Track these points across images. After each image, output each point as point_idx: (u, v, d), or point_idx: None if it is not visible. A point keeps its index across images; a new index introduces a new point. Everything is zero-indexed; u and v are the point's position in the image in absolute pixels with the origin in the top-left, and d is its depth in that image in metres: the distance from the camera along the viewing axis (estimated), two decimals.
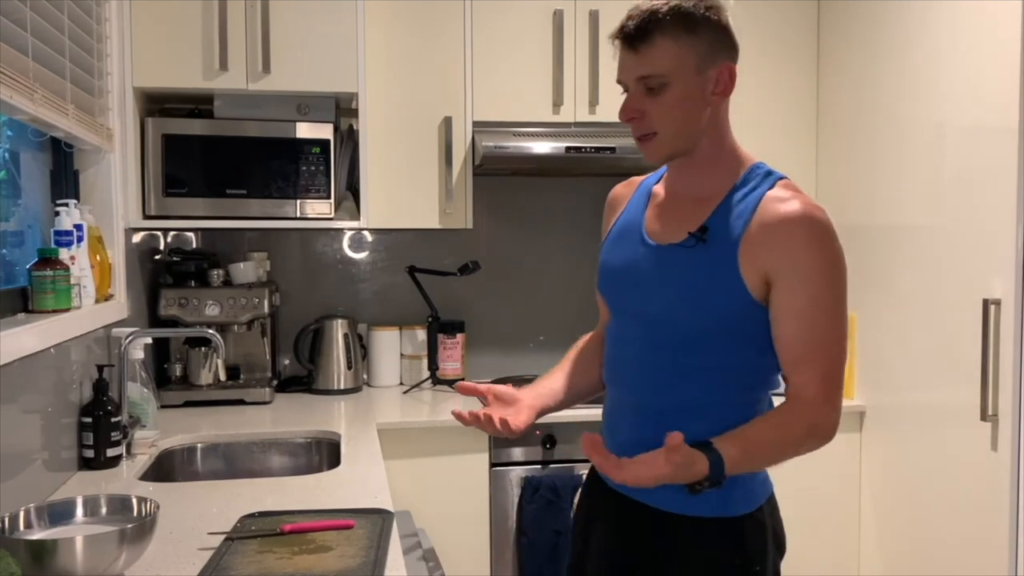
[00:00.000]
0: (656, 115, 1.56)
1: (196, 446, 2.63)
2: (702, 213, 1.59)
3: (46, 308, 2.07)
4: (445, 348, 3.45)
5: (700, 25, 1.54)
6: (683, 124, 1.57)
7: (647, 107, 1.56)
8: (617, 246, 1.73)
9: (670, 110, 1.55)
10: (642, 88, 1.56)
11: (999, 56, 2.41)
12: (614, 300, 1.74)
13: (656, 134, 1.57)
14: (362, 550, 1.64)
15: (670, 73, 1.53)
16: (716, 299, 1.54)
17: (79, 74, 2.28)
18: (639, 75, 1.55)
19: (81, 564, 1.40)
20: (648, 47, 1.53)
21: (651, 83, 1.54)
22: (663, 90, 1.54)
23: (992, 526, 2.44)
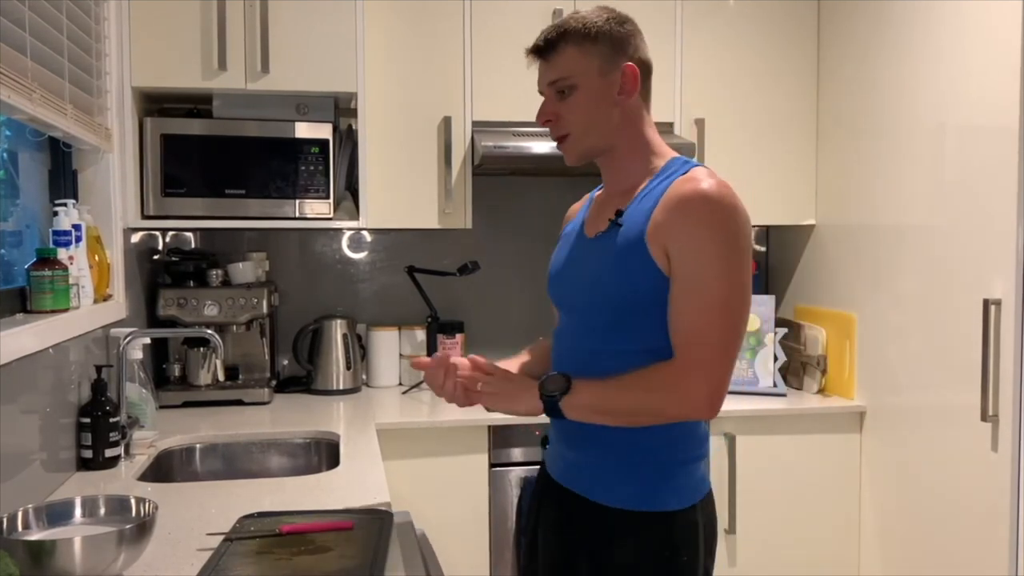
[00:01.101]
0: (567, 116, 1.72)
1: (195, 446, 2.63)
2: (623, 204, 1.73)
3: (44, 308, 2.06)
4: (444, 348, 3.44)
5: (601, 34, 1.70)
6: (592, 123, 1.72)
7: (559, 110, 1.72)
8: (560, 249, 1.90)
9: (578, 110, 1.71)
10: (554, 93, 1.72)
11: (999, 56, 2.41)
12: (556, 298, 1.88)
13: (569, 135, 1.73)
14: (361, 551, 1.63)
15: (575, 76, 1.69)
16: (629, 279, 1.64)
17: (78, 74, 2.28)
18: (549, 80, 1.72)
19: (79, 565, 1.40)
20: (555, 55, 1.70)
21: (560, 86, 1.71)
22: (571, 92, 1.70)
23: (992, 527, 2.43)
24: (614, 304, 1.67)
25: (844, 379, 3.19)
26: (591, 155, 1.76)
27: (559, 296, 1.86)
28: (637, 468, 1.69)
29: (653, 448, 1.69)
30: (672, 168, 1.71)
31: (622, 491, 1.69)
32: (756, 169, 3.37)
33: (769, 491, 3.06)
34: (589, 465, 1.74)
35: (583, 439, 1.74)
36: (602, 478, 1.72)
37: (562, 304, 1.85)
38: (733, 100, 3.36)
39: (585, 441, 1.74)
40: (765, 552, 3.06)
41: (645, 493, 1.68)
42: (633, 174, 1.75)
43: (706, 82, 3.33)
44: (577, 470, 1.77)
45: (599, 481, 1.72)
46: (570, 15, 1.74)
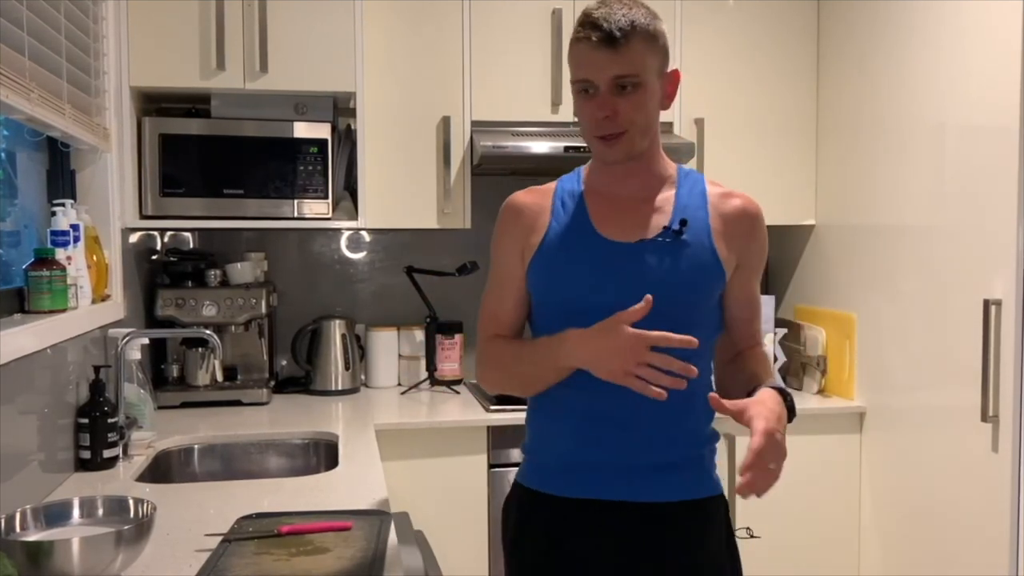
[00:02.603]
0: (627, 114, 1.64)
1: (193, 447, 2.62)
2: (659, 210, 1.73)
3: (42, 308, 2.06)
4: (443, 349, 3.44)
5: (660, 35, 1.67)
6: (647, 123, 1.68)
7: (618, 106, 1.64)
8: (568, 249, 1.74)
9: (641, 109, 1.65)
10: (614, 87, 1.63)
11: (999, 56, 2.41)
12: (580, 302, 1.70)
13: (625, 132, 1.66)
14: (360, 552, 1.63)
15: (643, 73, 1.63)
16: (703, 282, 1.70)
17: (76, 73, 2.28)
18: (616, 74, 1.62)
19: (78, 565, 1.39)
20: (627, 49, 1.61)
21: (627, 82, 1.62)
22: (636, 90, 1.63)
23: (993, 527, 2.43)
24: (686, 307, 1.68)
25: (844, 379, 3.19)
26: (631, 157, 1.70)
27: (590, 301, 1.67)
28: (712, 454, 1.78)
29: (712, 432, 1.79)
30: (686, 176, 1.79)
31: (709, 480, 1.76)
32: (756, 169, 3.36)
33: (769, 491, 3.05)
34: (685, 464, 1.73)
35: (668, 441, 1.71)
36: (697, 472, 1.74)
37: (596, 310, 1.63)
38: (733, 100, 3.36)
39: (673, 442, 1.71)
40: (765, 552, 3.06)
41: (712, 476, 1.77)
42: (654, 181, 1.76)
43: (706, 82, 3.33)
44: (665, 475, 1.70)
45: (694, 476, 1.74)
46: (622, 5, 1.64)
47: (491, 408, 2.98)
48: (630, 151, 1.68)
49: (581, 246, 1.73)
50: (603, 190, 1.78)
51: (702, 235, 1.70)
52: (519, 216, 1.81)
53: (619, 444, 1.69)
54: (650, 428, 1.68)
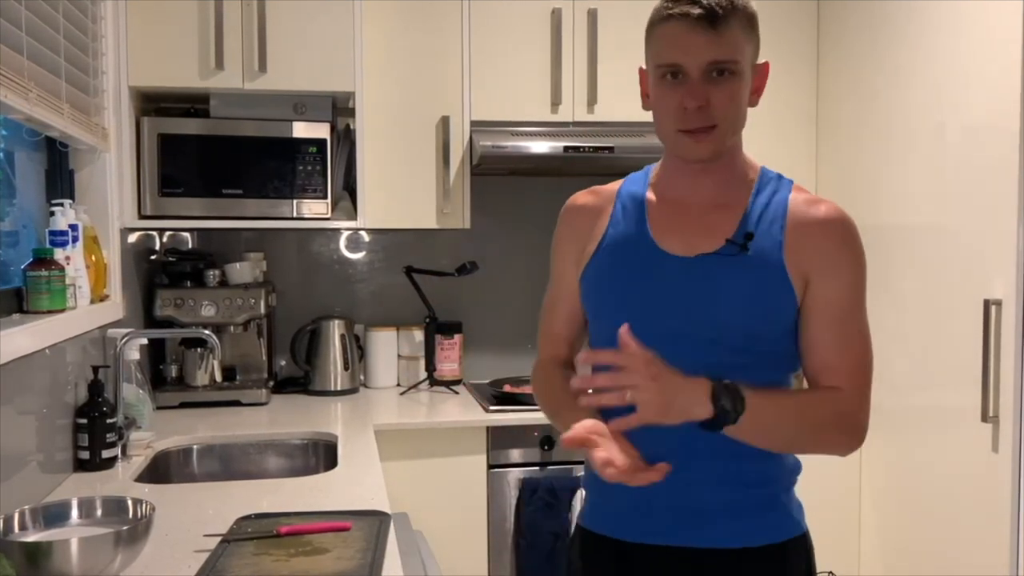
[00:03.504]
0: (721, 105, 1.44)
1: (192, 447, 2.62)
2: (728, 220, 1.50)
3: (41, 309, 2.06)
4: (442, 349, 3.43)
5: (756, 21, 1.48)
6: (738, 118, 1.49)
7: (711, 96, 1.43)
8: (621, 262, 1.56)
9: (734, 100, 1.45)
10: (707, 74, 1.43)
11: (999, 56, 2.41)
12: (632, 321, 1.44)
13: (716, 127, 1.45)
14: (359, 552, 1.63)
15: (742, 61, 1.44)
16: (768, 305, 1.48)
17: (74, 73, 2.27)
18: (714, 59, 1.41)
19: (76, 566, 1.39)
20: (728, 30, 1.41)
21: (724, 68, 1.42)
22: (731, 79, 1.43)
23: (993, 527, 2.43)
24: (752, 331, 1.47)
25: None
26: (719, 156, 1.50)
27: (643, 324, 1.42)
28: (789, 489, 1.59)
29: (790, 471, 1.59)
30: (768, 182, 1.56)
31: (788, 519, 1.56)
32: None
33: None
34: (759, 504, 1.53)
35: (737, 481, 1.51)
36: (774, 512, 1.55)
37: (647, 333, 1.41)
38: None
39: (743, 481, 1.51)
40: None
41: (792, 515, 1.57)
42: (731, 187, 1.54)
43: None
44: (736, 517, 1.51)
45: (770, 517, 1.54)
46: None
47: (490, 408, 2.98)
48: (719, 149, 1.48)
49: (634, 259, 1.54)
50: (670, 194, 1.57)
51: (772, 250, 1.47)
52: (576, 219, 1.65)
53: (682, 485, 1.47)
54: (715, 466, 1.49)
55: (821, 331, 1.49)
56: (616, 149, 3.07)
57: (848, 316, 1.49)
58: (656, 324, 1.47)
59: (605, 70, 3.17)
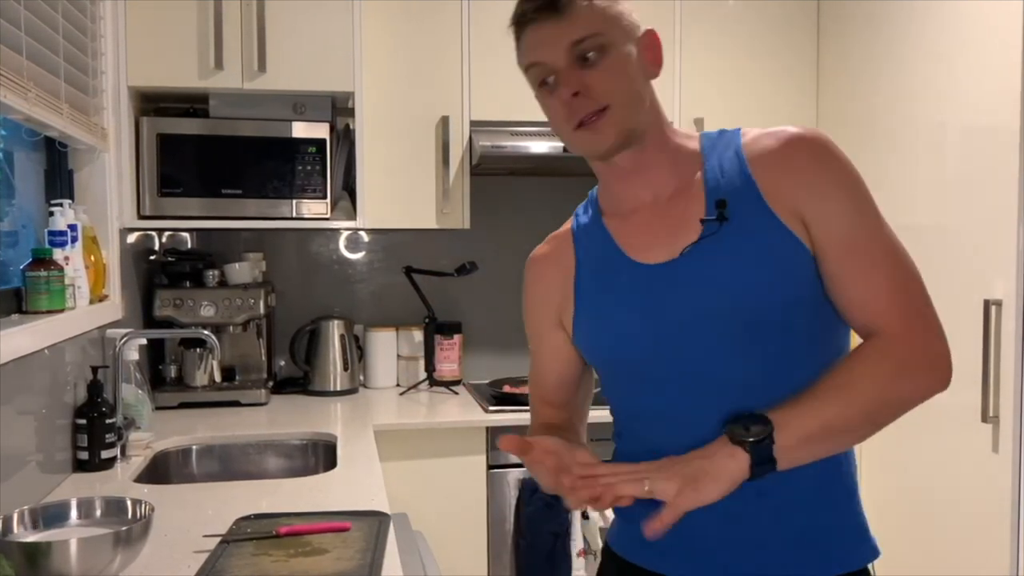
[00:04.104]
0: (602, 84, 1.27)
1: (191, 448, 2.61)
2: (692, 202, 1.32)
3: (40, 309, 2.05)
4: (442, 349, 3.43)
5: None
6: (633, 93, 1.30)
7: (588, 79, 1.27)
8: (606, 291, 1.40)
9: (617, 75, 1.28)
10: (575, 60, 1.28)
11: (1000, 56, 2.41)
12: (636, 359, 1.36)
13: (608, 107, 1.28)
14: (358, 552, 1.62)
15: (608, 32, 1.28)
16: (778, 259, 1.26)
17: (73, 73, 2.27)
18: (572, 40, 1.27)
19: (75, 566, 1.39)
20: (575, 8, 1.27)
21: (589, 47, 1.27)
22: (603, 54, 1.27)
23: (993, 528, 2.43)
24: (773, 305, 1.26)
25: None
26: (628, 140, 1.31)
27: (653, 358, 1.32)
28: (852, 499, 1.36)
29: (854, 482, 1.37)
30: (712, 142, 1.37)
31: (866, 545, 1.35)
32: None
33: None
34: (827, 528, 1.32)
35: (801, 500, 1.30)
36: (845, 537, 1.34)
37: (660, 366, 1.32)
38: (732, 100, 3.35)
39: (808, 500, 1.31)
40: None
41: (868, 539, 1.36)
42: (675, 169, 1.36)
43: (705, 81, 3.32)
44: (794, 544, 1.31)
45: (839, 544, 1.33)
46: None
47: (490, 409, 2.98)
48: (623, 130, 1.30)
49: (620, 286, 1.37)
50: (623, 207, 1.41)
51: (751, 201, 1.28)
52: (541, 276, 1.50)
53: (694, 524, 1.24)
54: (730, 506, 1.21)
55: (842, 270, 1.26)
56: None
57: (864, 240, 1.26)
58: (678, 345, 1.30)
59: None
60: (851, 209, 1.27)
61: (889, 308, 1.25)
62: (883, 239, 1.28)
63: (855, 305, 1.27)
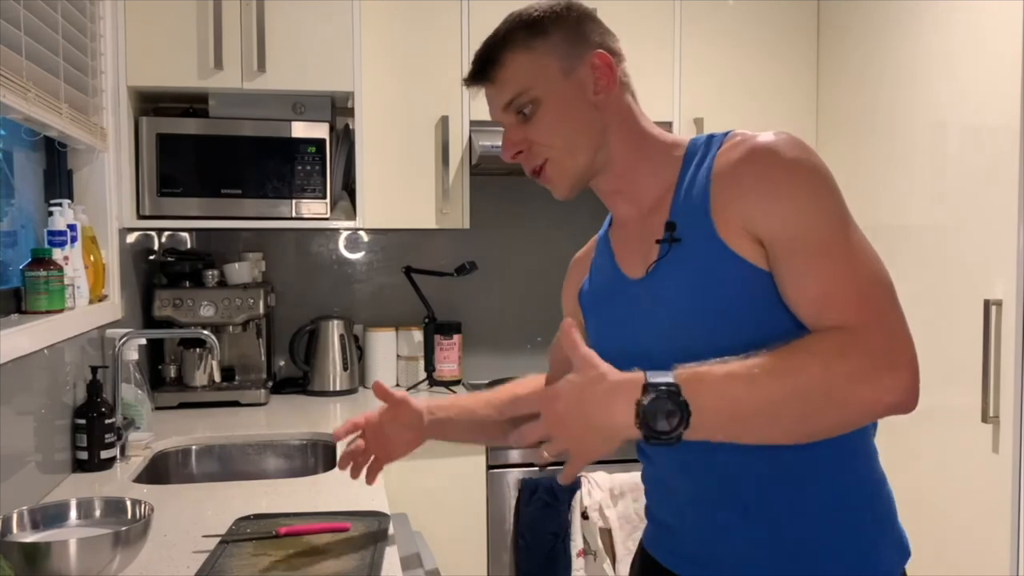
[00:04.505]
0: (539, 138, 1.33)
1: (191, 448, 2.61)
2: (662, 216, 1.32)
3: (39, 309, 2.05)
4: (442, 349, 3.43)
5: (548, 25, 1.34)
6: (573, 137, 1.33)
7: (528, 134, 1.34)
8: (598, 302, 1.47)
9: (551, 127, 1.33)
10: (514, 117, 1.35)
11: (1000, 56, 2.40)
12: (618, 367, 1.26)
13: (548, 160, 1.35)
14: (358, 553, 1.62)
15: (533, 87, 1.32)
16: (725, 292, 1.22)
17: (73, 73, 2.27)
18: (504, 103, 1.35)
19: (75, 567, 1.39)
20: (500, 70, 1.34)
21: (519, 106, 1.34)
22: (536, 108, 1.33)
23: (993, 528, 2.43)
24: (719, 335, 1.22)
25: None
26: (585, 178, 1.37)
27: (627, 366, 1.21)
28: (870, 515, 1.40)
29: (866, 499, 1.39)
30: (698, 150, 1.33)
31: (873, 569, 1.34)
32: None
33: None
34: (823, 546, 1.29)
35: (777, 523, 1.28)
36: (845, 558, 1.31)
37: None
38: (732, 100, 3.35)
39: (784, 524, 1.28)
40: None
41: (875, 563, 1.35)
42: (654, 179, 1.35)
43: (705, 82, 3.32)
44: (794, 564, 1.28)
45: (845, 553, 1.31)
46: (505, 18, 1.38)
47: None
48: (573, 176, 1.35)
49: (611, 294, 1.42)
50: (618, 220, 1.45)
51: (700, 224, 1.25)
52: (571, 276, 1.58)
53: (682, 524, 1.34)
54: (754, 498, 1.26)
55: (794, 269, 1.18)
56: None
57: (822, 240, 1.18)
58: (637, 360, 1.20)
59: None
60: (806, 211, 1.19)
61: (846, 303, 1.14)
62: (844, 241, 1.18)
63: (806, 307, 1.17)
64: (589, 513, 2.75)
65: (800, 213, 1.19)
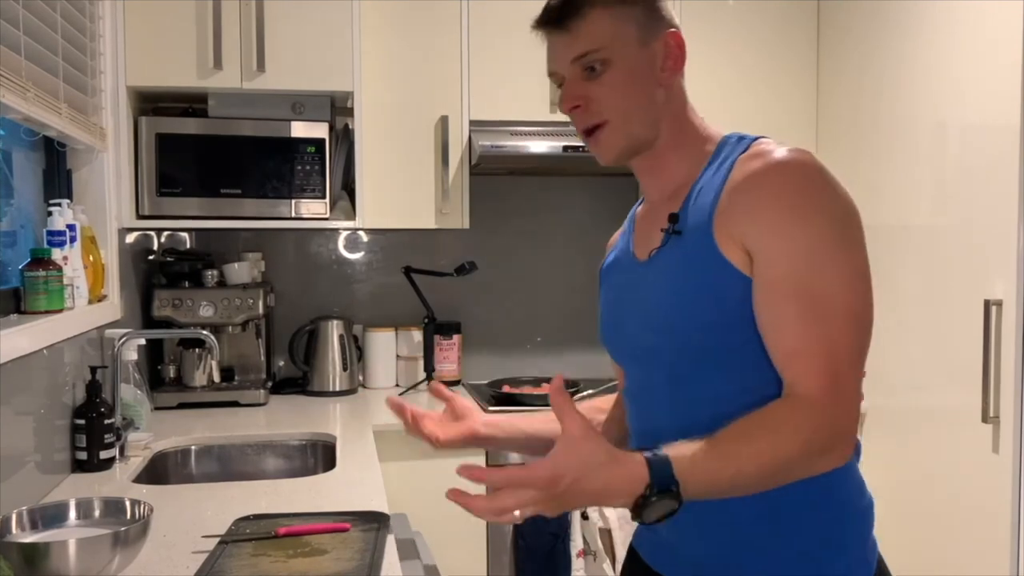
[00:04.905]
0: (602, 99, 1.32)
1: (190, 448, 2.61)
2: (675, 206, 1.35)
3: (39, 309, 2.05)
4: (441, 349, 3.43)
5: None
6: (635, 106, 1.33)
7: (590, 92, 1.32)
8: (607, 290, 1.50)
9: (617, 90, 1.32)
10: (580, 72, 1.33)
11: (1000, 55, 2.40)
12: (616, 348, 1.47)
13: (606, 123, 1.33)
14: (357, 553, 1.62)
15: (610, 47, 1.31)
16: (707, 294, 1.26)
17: (72, 73, 2.27)
18: (575, 55, 1.32)
19: (74, 567, 1.39)
20: (580, 21, 1.31)
21: (590, 62, 1.31)
22: (606, 68, 1.31)
23: (993, 528, 2.42)
24: (694, 334, 1.27)
25: None
26: (633, 150, 1.37)
27: (619, 345, 1.44)
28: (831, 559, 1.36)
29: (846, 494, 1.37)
30: (726, 147, 1.36)
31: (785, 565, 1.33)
32: None
33: None
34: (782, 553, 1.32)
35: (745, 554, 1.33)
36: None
37: (624, 353, 1.45)
38: (732, 99, 3.34)
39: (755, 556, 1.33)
40: None
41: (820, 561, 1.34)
42: (682, 169, 1.38)
43: (705, 81, 3.31)
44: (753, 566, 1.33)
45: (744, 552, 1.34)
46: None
47: (489, 409, 2.97)
48: (624, 144, 1.36)
49: (621, 273, 1.46)
50: (647, 199, 1.47)
51: (701, 225, 1.28)
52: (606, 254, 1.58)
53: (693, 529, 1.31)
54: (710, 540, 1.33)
55: (775, 311, 1.21)
56: None
57: (808, 288, 1.19)
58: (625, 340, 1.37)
59: None
60: (805, 251, 1.20)
61: (808, 371, 1.18)
62: (830, 294, 1.19)
63: (781, 350, 1.21)
64: (589, 513, 2.74)
65: (799, 253, 1.20)
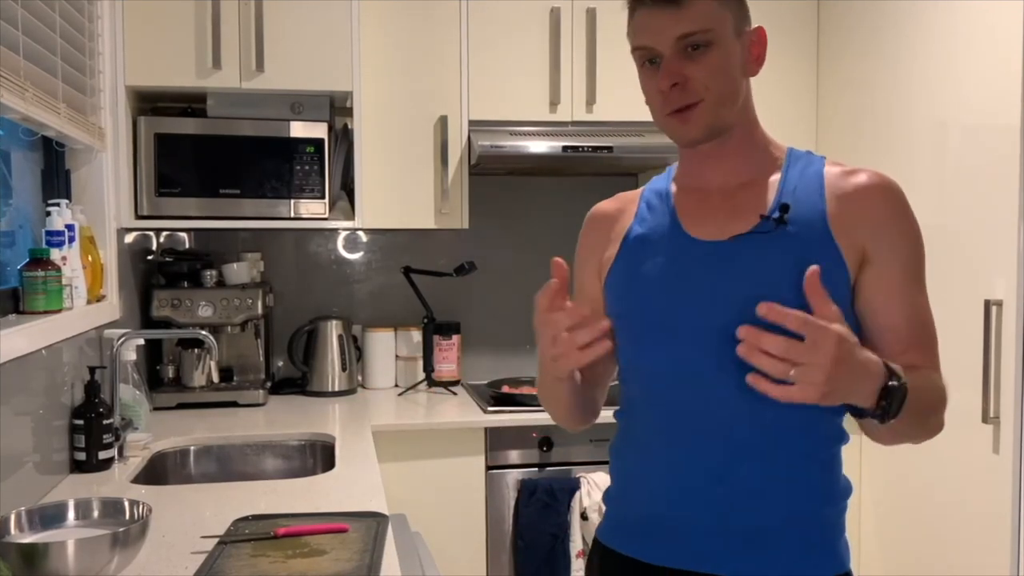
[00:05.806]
0: (700, 79, 1.35)
1: (189, 448, 2.61)
2: (758, 197, 1.40)
3: (37, 309, 2.05)
4: (440, 350, 3.43)
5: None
6: (728, 91, 1.38)
7: (688, 71, 1.35)
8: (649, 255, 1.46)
9: (716, 72, 1.36)
10: (681, 50, 1.35)
11: (1000, 54, 2.40)
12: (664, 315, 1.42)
13: (701, 101, 1.36)
14: (357, 553, 1.62)
15: (716, 30, 1.35)
16: None
17: (71, 72, 2.26)
18: (681, 33, 1.34)
19: (73, 568, 1.38)
20: (690, 2, 1.34)
21: (696, 41, 1.34)
22: (707, 50, 1.35)
23: (993, 529, 2.42)
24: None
25: None
26: (716, 132, 1.40)
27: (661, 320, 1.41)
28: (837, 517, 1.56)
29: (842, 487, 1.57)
30: (798, 158, 1.45)
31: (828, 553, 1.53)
32: None
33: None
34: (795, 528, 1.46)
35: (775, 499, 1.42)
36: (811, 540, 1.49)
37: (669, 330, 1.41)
38: None
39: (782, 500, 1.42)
40: None
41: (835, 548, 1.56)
42: (752, 165, 1.44)
43: None
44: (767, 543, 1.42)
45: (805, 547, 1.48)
46: None
47: (489, 409, 2.97)
48: (712, 125, 1.38)
49: (665, 249, 1.45)
50: (693, 183, 1.48)
51: (816, 220, 1.36)
52: (597, 226, 1.58)
53: (710, 500, 1.38)
54: (752, 481, 1.37)
55: (892, 310, 1.37)
56: (615, 149, 3.06)
57: (916, 289, 1.39)
58: (693, 317, 1.37)
59: (604, 69, 3.16)
60: (913, 262, 1.38)
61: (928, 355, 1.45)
62: (925, 294, 1.42)
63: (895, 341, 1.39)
64: (588, 514, 2.74)
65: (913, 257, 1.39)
